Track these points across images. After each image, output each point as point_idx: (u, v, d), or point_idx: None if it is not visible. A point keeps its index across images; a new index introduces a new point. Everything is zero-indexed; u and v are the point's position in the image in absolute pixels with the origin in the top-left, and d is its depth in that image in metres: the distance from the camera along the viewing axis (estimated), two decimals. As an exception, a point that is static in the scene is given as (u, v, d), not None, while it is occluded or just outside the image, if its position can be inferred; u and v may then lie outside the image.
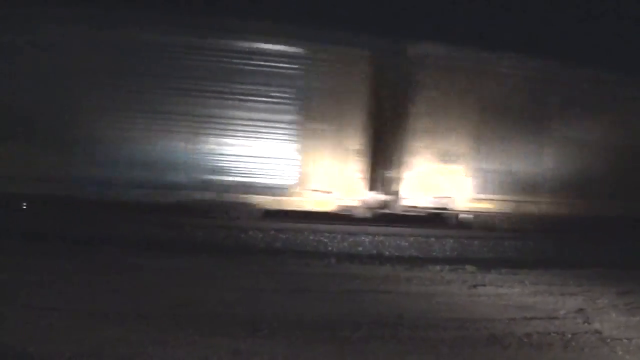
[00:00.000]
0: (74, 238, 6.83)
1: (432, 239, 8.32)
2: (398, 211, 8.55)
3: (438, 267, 6.98)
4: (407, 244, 8.16)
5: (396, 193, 8.47)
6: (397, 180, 8.49)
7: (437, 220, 8.94)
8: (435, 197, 8.61)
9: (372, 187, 8.44)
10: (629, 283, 6.37)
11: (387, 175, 8.51)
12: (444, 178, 8.62)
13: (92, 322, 4.05)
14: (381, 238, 8.16)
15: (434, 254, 8.08)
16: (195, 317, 4.35)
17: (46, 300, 4.48)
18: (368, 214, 8.45)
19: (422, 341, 4.15)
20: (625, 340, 4.39)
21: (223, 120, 7.95)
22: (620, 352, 4.16)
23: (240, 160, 7.98)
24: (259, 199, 8.04)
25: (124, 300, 4.69)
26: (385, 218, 8.65)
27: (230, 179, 7.94)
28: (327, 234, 8.05)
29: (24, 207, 7.89)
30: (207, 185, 7.87)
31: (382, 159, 8.48)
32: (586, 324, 4.85)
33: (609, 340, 4.40)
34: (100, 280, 5.24)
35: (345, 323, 4.43)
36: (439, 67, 8.52)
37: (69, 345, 3.57)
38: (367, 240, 8.10)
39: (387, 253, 7.91)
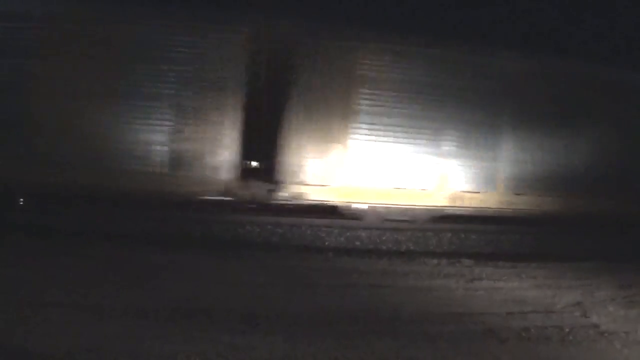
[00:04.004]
0: (71, 233, 6.80)
1: (429, 233, 8.32)
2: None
3: (435, 261, 6.96)
4: (404, 238, 8.16)
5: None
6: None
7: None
8: None
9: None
10: (627, 276, 6.38)
11: None
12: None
13: (90, 318, 4.03)
14: (378, 232, 8.15)
15: (431, 248, 8.06)
16: (193, 312, 4.34)
17: (43, 296, 4.45)
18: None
19: (420, 335, 4.15)
20: (623, 334, 4.40)
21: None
22: (618, 346, 4.16)
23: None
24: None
25: (122, 295, 4.67)
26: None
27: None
28: (325, 229, 8.05)
29: (21, 203, 7.84)
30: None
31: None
32: (584, 317, 4.86)
33: (606, 333, 4.41)
34: (98, 276, 5.21)
35: (343, 317, 4.43)
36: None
37: (66, 340, 3.55)
38: (364, 234, 8.10)
39: (384, 247, 7.89)
